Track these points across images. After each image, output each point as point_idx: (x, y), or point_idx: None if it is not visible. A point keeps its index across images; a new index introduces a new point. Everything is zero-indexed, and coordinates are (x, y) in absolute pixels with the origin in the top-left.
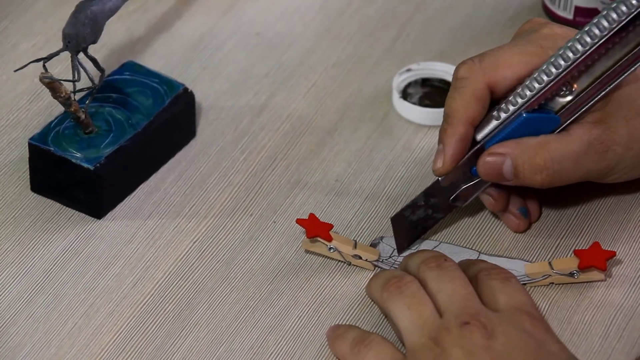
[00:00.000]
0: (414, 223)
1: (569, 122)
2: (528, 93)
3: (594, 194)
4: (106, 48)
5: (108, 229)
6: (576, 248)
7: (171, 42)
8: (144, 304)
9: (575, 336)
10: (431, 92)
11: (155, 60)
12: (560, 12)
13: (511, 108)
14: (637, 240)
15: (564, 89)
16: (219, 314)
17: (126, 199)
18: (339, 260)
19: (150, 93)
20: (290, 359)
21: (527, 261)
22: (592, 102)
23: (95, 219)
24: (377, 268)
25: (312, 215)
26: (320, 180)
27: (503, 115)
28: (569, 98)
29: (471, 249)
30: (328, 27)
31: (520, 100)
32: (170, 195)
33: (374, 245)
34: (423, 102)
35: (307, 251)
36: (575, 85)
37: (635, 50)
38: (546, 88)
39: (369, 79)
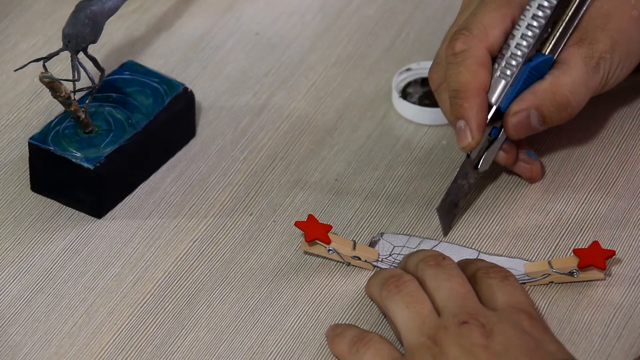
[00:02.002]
0: (453, 202)
1: (557, 54)
2: (525, 44)
3: (594, 194)
4: (106, 48)
5: (108, 229)
6: (576, 247)
7: (171, 42)
8: (144, 303)
9: (575, 335)
10: (431, 92)
11: (155, 59)
12: None
13: (514, 63)
14: (636, 240)
15: (548, 27)
16: (219, 314)
17: (126, 198)
18: (338, 261)
19: (150, 93)
20: (290, 358)
21: (527, 260)
22: (571, 29)
23: (95, 219)
24: (376, 267)
25: (310, 216)
26: (320, 180)
27: (509, 72)
28: (551, 32)
29: (471, 248)
30: (328, 26)
31: (520, 54)
32: (170, 195)
33: (374, 242)
34: (423, 101)
35: (305, 252)
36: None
37: None
38: (539, 33)
39: (368, 79)
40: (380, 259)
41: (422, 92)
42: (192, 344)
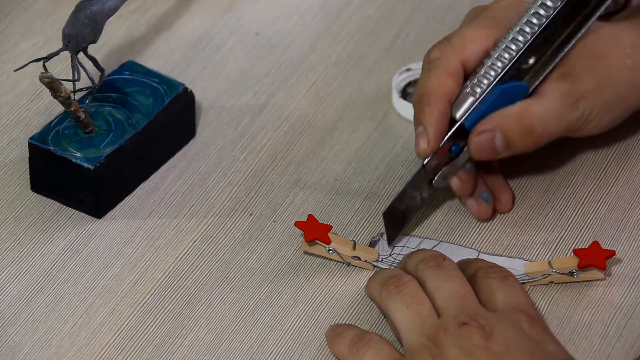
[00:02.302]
0: (402, 212)
1: (535, 85)
2: (499, 65)
3: (593, 193)
4: (106, 48)
5: (108, 229)
6: (576, 247)
7: (171, 42)
8: (144, 303)
9: (575, 335)
10: None
11: (155, 59)
12: None
13: (485, 82)
14: (636, 239)
15: (528, 62)
16: (219, 314)
17: (126, 198)
18: (338, 261)
19: (150, 93)
20: (290, 358)
21: (527, 260)
22: (553, 64)
23: (95, 219)
24: (376, 268)
25: (310, 216)
26: (320, 180)
27: (479, 90)
28: (531, 62)
29: (471, 248)
30: (328, 26)
31: (493, 74)
32: (170, 195)
33: (374, 242)
34: None
35: (305, 253)
36: (535, 60)
37: (590, 9)
38: (516, 57)
39: (368, 79)
40: (380, 259)
41: None
42: (192, 344)
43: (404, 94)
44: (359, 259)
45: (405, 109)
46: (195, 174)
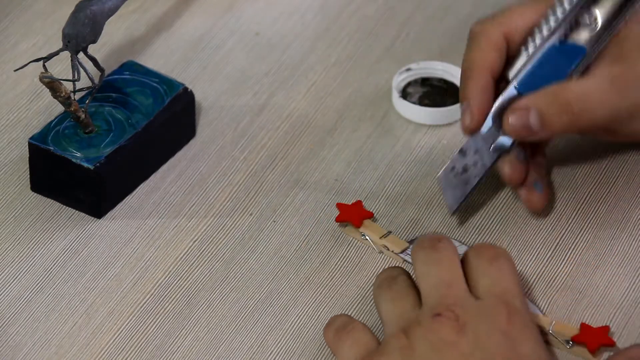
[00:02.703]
0: (462, 178)
1: (596, 53)
2: (553, 22)
3: (593, 193)
4: (106, 48)
5: (108, 229)
6: (575, 247)
7: (171, 42)
8: (144, 303)
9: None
10: (431, 92)
11: (155, 59)
12: None
13: (539, 39)
14: (636, 239)
15: (587, 18)
16: (219, 314)
17: (126, 198)
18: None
19: (150, 93)
20: (290, 358)
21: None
22: (614, 31)
23: (95, 219)
24: (405, 261)
25: (358, 202)
26: (320, 180)
27: (532, 47)
28: (590, 19)
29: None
30: (328, 26)
31: (546, 30)
32: (170, 195)
33: (415, 241)
34: (423, 101)
35: (345, 231)
36: (596, 16)
37: None
38: (569, 9)
39: (368, 79)
40: (407, 253)
41: (422, 92)
42: (192, 344)
43: (404, 94)
44: (388, 249)
45: (405, 109)
46: (195, 174)
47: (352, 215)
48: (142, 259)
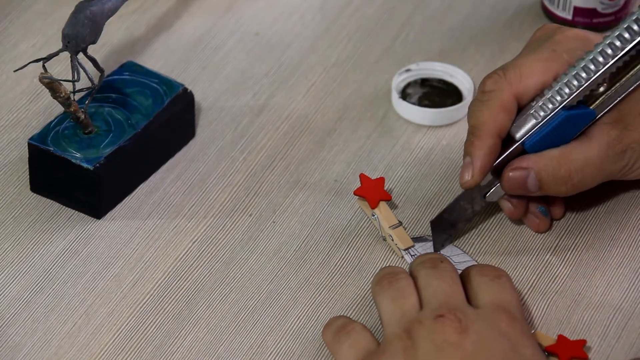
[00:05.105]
0: (451, 222)
1: (603, 113)
2: (567, 91)
3: (593, 195)
4: (106, 48)
5: (107, 229)
6: (575, 247)
7: (170, 42)
8: (144, 303)
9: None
10: (430, 92)
11: (155, 60)
12: (559, 13)
13: (550, 107)
14: (636, 240)
15: (599, 84)
16: (218, 314)
17: (125, 199)
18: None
19: (150, 93)
20: (290, 358)
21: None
22: (625, 93)
23: (95, 219)
24: (403, 258)
25: (382, 178)
26: (319, 180)
27: (542, 113)
28: (601, 90)
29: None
30: (327, 27)
31: (559, 99)
32: (169, 195)
33: (418, 238)
34: (422, 102)
35: (359, 202)
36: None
37: None
38: (586, 85)
39: (368, 79)
40: (409, 252)
41: (421, 92)
42: (192, 344)
43: (404, 95)
44: (393, 241)
45: (405, 109)
46: (195, 174)
47: (371, 193)
48: (141, 260)
